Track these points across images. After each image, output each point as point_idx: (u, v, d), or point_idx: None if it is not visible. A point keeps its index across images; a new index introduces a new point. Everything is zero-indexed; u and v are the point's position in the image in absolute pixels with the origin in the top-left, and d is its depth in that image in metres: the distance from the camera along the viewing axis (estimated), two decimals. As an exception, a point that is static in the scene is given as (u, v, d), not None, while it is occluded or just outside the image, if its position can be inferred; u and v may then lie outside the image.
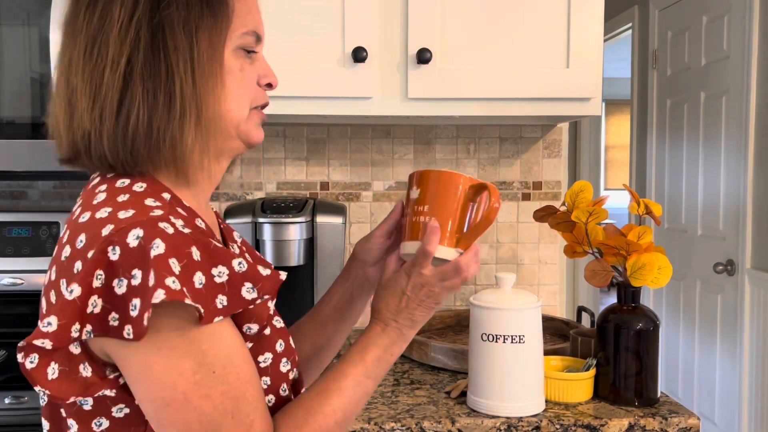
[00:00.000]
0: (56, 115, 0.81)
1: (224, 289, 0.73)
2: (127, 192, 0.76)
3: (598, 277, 1.34)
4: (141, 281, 0.68)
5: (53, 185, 1.84)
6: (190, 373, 0.71)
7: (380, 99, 1.51)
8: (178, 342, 0.71)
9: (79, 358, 0.72)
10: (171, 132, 0.76)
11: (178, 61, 0.76)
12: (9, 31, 1.40)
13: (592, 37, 1.52)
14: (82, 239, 0.72)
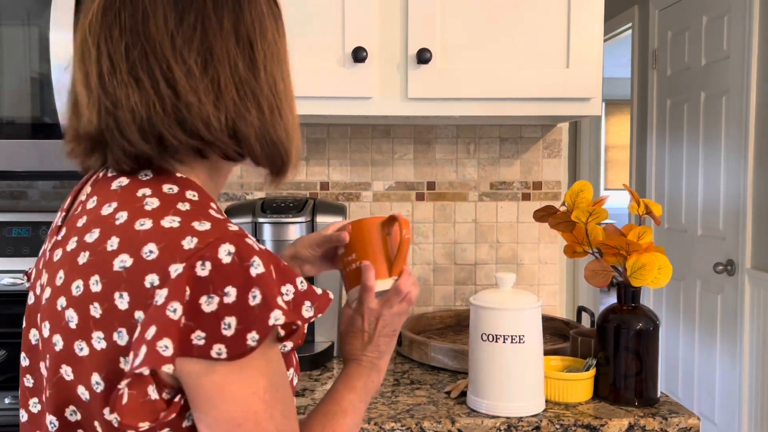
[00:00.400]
0: (191, 102, 0.74)
1: (290, 307, 0.72)
2: (184, 200, 0.73)
3: (598, 277, 1.34)
4: (236, 299, 0.66)
5: (53, 185, 1.84)
6: (262, 392, 0.69)
7: (380, 99, 1.51)
8: (259, 361, 0.69)
9: (147, 380, 0.67)
10: (291, 142, 0.80)
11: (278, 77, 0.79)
12: (9, 31, 1.40)
13: (592, 37, 1.52)
14: (152, 250, 0.68)
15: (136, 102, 0.72)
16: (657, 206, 1.36)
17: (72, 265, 0.73)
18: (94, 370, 0.70)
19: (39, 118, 1.40)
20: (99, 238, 0.72)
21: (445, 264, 1.91)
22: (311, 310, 0.75)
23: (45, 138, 1.39)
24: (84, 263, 0.72)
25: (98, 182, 0.80)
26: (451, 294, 1.92)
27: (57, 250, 0.77)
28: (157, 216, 0.70)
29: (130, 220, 0.71)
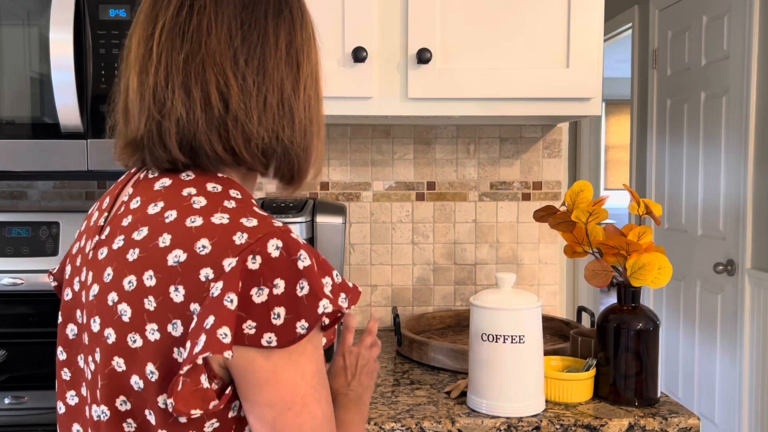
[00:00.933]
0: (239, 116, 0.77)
1: (338, 306, 0.76)
2: (229, 198, 0.77)
3: (598, 277, 1.34)
4: (285, 290, 0.70)
5: (53, 185, 1.84)
6: (310, 377, 0.74)
7: (380, 99, 1.51)
8: (307, 347, 0.73)
9: (200, 369, 0.71)
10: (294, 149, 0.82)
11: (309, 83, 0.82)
12: (9, 31, 1.40)
13: (592, 37, 1.52)
14: (205, 245, 0.71)
15: (182, 112, 0.76)
16: (657, 206, 1.36)
17: (122, 262, 0.76)
18: (149, 360, 0.73)
19: (39, 118, 1.40)
20: (148, 235, 0.75)
21: (445, 264, 1.91)
22: (346, 301, 0.77)
23: (45, 138, 1.39)
24: (135, 259, 0.75)
25: (140, 183, 0.83)
26: (451, 294, 1.92)
27: (102, 248, 0.80)
28: (206, 213, 0.74)
29: (181, 218, 0.74)
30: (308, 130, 0.82)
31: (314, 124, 0.83)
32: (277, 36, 0.79)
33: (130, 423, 0.77)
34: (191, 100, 0.76)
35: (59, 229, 1.69)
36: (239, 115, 0.76)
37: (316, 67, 0.84)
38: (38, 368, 1.56)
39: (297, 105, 0.80)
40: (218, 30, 0.77)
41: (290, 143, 0.80)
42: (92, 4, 1.37)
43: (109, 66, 1.38)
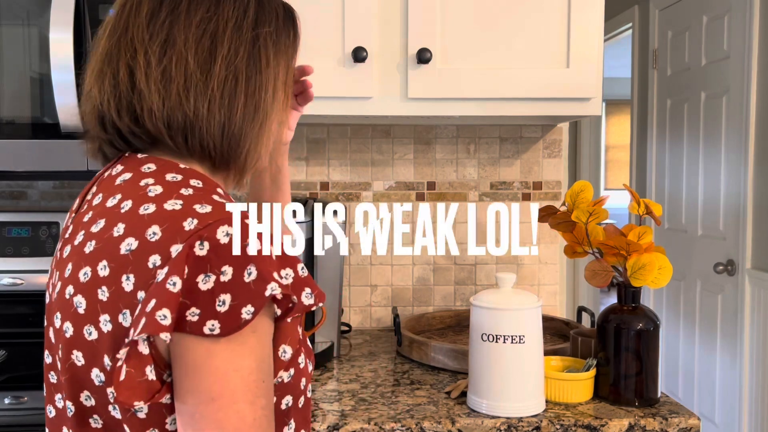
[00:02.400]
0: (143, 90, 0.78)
1: (288, 291, 0.72)
2: (187, 186, 0.76)
3: (598, 277, 1.34)
4: (232, 277, 0.67)
5: (53, 185, 1.84)
6: (246, 372, 0.69)
7: (380, 99, 1.51)
8: (249, 338, 0.69)
9: (147, 359, 0.69)
10: (247, 145, 0.81)
11: (269, 76, 0.82)
12: (9, 31, 1.40)
13: (592, 37, 1.52)
14: (156, 232, 0.70)
15: (95, 94, 0.79)
16: (657, 206, 1.36)
17: (79, 256, 0.75)
18: (104, 352, 0.71)
19: (39, 118, 1.40)
20: (104, 226, 0.74)
21: (445, 264, 1.91)
22: (311, 297, 0.74)
23: (45, 138, 1.39)
24: (91, 251, 0.74)
25: (103, 181, 0.82)
26: (451, 294, 1.92)
27: (66, 247, 0.80)
28: (160, 200, 0.73)
29: (135, 207, 0.73)
30: (227, 108, 0.79)
31: (239, 103, 0.79)
32: (189, 11, 0.79)
33: (96, 419, 0.75)
34: (104, 82, 0.79)
35: (59, 229, 1.69)
36: (142, 87, 0.77)
37: (249, 45, 0.81)
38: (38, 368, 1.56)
39: (207, 79, 0.78)
40: (138, 11, 0.79)
41: (194, 116, 0.77)
42: (92, 4, 1.37)
43: (109, 66, 1.38)
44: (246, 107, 0.80)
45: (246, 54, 0.80)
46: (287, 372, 0.77)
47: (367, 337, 1.83)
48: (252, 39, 0.81)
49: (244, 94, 0.79)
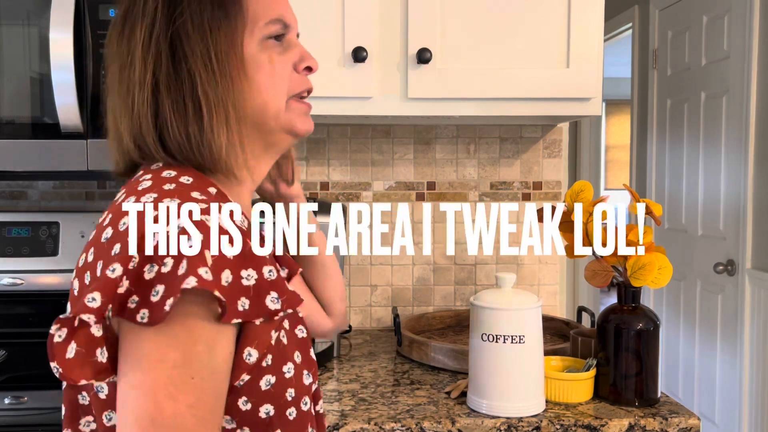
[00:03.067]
0: (108, 135, 0.85)
1: (249, 293, 0.71)
2: (174, 182, 0.76)
3: (598, 277, 1.34)
4: (171, 269, 0.68)
5: (53, 185, 1.84)
6: (170, 365, 0.68)
7: (380, 99, 1.51)
8: (179, 331, 0.69)
9: (99, 341, 0.70)
10: (205, 136, 0.79)
11: (197, 67, 0.79)
12: (9, 31, 1.40)
13: (592, 37, 1.52)
14: (125, 222, 0.72)
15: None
16: (657, 206, 1.36)
17: (83, 247, 0.80)
18: None
19: (39, 118, 1.40)
20: (103, 218, 0.78)
21: (445, 264, 1.91)
22: (278, 302, 0.73)
23: (45, 138, 1.39)
24: (89, 240, 0.78)
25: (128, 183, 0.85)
26: (451, 294, 1.92)
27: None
28: (140, 194, 0.75)
29: (124, 199, 0.76)
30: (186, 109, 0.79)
31: (193, 103, 0.79)
32: (116, 28, 0.83)
33: (84, 396, 0.78)
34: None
35: (59, 229, 1.69)
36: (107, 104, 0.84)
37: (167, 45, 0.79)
38: (38, 368, 1.56)
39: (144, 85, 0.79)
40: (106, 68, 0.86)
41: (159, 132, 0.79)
42: (92, 4, 1.37)
43: (109, 66, 1.38)
44: (189, 107, 0.79)
45: (164, 61, 0.79)
46: (263, 378, 0.75)
47: (367, 337, 1.83)
48: (169, 41, 0.79)
49: (180, 99, 0.79)
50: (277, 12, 0.85)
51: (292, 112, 0.86)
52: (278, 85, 0.84)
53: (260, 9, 0.83)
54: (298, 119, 0.87)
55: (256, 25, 0.83)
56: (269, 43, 0.84)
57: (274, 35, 0.84)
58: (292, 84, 0.86)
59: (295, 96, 0.87)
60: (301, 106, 0.88)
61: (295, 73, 0.87)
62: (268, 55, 0.84)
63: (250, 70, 0.82)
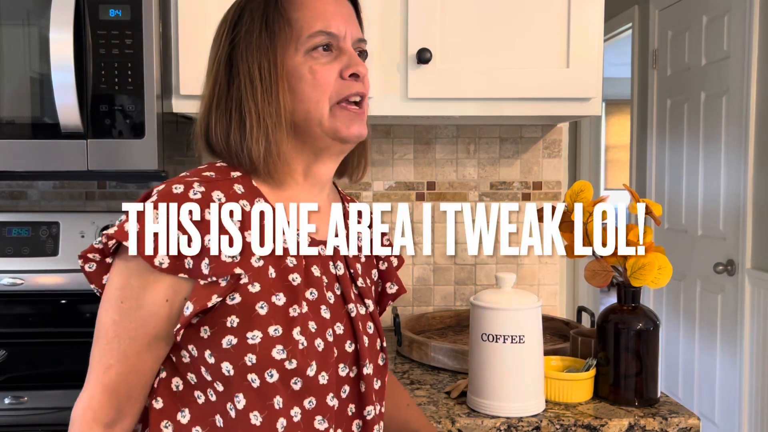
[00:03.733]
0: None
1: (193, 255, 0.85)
2: (213, 169, 0.92)
3: (598, 277, 1.34)
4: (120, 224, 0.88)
5: (53, 185, 1.84)
6: (113, 288, 0.87)
7: (380, 99, 1.51)
8: (117, 264, 0.88)
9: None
10: (246, 144, 0.89)
11: (244, 84, 0.90)
12: (9, 31, 1.40)
13: (592, 37, 1.52)
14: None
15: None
16: (657, 206, 1.36)
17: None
18: None
19: (39, 118, 1.40)
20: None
21: (445, 264, 1.91)
22: (207, 268, 0.85)
23: (45, 138, 1.39)
24: None
25: None
26: (451, 294, 1.92)
27: None
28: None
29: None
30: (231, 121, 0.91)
31: (239, 116, 0.91)
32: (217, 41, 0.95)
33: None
34: None
35: (59, 229, 1.69)
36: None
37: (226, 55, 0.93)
38: (38, 368, 1.56)
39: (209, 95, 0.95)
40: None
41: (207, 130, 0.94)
42: (92, 4, 1.37)
43: (109, 66, 1.38)
44: (234, 119, 0.91)
45: (221, 79, 0.93)
46: (225, 337, 0.86)
47: (367, 337, 1.83)
48: (226, 62, 0.93)
49: (227, 112, 0.91)
50: (321, 24, 0.91)
51: (335, 118, 0.91)
52: (320, 94, 0.91)
53: (305, 23, 0.91)
54: (341, 125, 0.92)
55: (300, 39, 0.91)
56: (315, 54, 0.91)
57: (318, 46, 0.91)
58: (335, 90, 0.91)
59: (342, 101, 0.92)
60: (346, 112, 0.92)
61: (341, 79, 0.91)
62: (310, 66, 0.91)
63: (293, 81, 0.91)
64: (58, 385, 1.45)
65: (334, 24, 0.92)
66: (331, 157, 0.96)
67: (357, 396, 0.94)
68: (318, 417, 0.89)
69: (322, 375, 0.89)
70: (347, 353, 0.93)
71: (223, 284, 0.86)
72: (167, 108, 1.46)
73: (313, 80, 0.90)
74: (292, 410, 0.87)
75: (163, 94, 1.44)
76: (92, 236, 1.68)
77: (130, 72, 1.38)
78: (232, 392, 0.86)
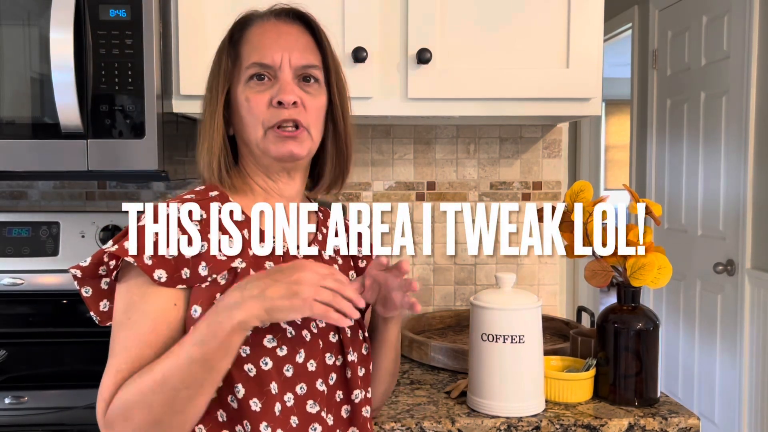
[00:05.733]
0: None
1: (189, 264, 0.94)
2: (192, 192, 1.02)
3: (598, 277, 1.34)
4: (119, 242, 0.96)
5: (53, 185, 1.84)
6: (119, 313, 0.94)
7: (380, 99, 1.51)
8: (121, 287, 0.96)
9: None
10: (198, 156, 1.04)
11: (204, 107, 1.04)
12: (9, 31, 1.40)
13: (592, 37, 1.52)
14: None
15: None
16: (657, 206, 1.36)
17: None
18: None
19: (39, 118, 1.40)
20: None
21: (445, 264, 1.91)
22: (206, 269, 0.94)
23: (45, 138, 1.39)
24: None
25: None
26: (451, 294, 1.92)
27: None
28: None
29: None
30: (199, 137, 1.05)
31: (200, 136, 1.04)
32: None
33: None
34: None
35: (59, 229, 1.69)
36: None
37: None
38: (38, 368, 1.56)
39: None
40: None
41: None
42: (92, 4, 1.37)
43: (109, 66, 1.38)
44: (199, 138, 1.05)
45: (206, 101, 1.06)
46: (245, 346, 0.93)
47: (367, 337, 1.83)
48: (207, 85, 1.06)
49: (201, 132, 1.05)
50: (257, 56, 1.01)
51: (267, 140, 1.01)
52: (254, 119, 1.01)
53: (246, 55, 1.02)
54: (272, 146, 1.01)
55: (241, 70, 1.02)
56: (251, 83, 1.02)
57: (253, 75, 1.01)
58: (267, 117, 1.01)
59: (273, 127, 1.01)
60: (277, 135, 1.01)
61: (271, 107, 1.01)
62: (246, 95, 1.01)
63: (237, 107, 1.03)
64: (58, 385, 1.45)
65: (269, 55, 1.01)
66: (279, 173, 1.06)
67: (344, 383, 1.03)
68: (309, 401, 0.97)
69: (311, 362, 0.98)
70: (332, 343, 1.03)
71: (223, 282, 0.95)
72: (167, 108, 1.46)
73: (248, 107, 1.01)
74: (285, 395, 0.95)
75: (163, 94, 1.44)
76: (92, 236, 1.68)
77: (130, 72, 1.38)
78: (232, 384, 0.93)
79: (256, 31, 1.04)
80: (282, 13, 1.05)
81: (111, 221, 1.69)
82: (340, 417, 1.02)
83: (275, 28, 1.04)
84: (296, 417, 0.96)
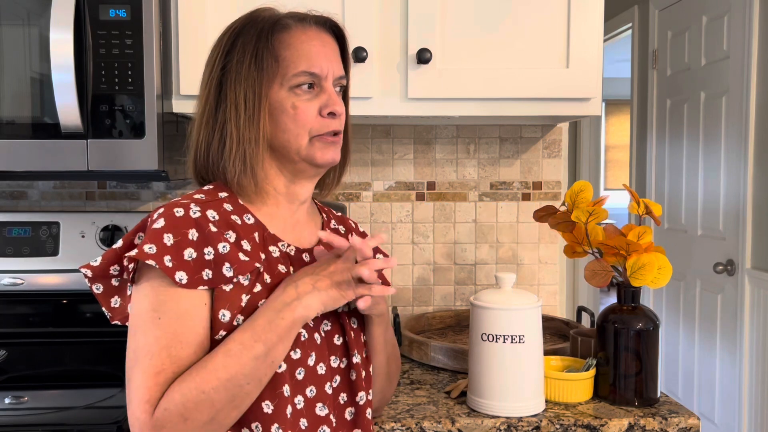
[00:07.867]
0: None
1: (210, 265, 0.93)
2: (199, 192, 1.01)
3: (598, 277, 1.34)
4: (140, 241, 0.95)
5: (53, 185, 1.84)
6: (144, 311, 0.92)
7: (380, 99, 1.51)
8: (144, 286, 0.94)
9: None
10: (223, 163, 1.00)
11: (230, 109, 0.99)
12: (9, 31, 1.40)
13: (592, 37, 1.52)
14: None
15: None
16: (657, 206, 1.36)
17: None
18: None
19: (39, 118, 1.40)
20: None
21: (445, 264, 1.91)
22: (231, 270, 0.94)
23: (45, 138, 1.39)
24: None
25: None
26: (451, 294, 1.92)
27: None
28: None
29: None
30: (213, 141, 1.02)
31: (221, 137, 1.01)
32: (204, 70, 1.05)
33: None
34: None
35: (59, 229, 1.69)
36: None
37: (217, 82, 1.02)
38: (38, 368, 1.56)
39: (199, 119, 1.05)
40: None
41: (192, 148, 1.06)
42: (92, 4, 1.37)
43: (109, 66, 1.38)
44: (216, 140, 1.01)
45: (210, 102, 1.01)
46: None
47: (367, 337, 1.83)
48: (217, 86, 1.01)
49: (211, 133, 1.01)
50: (306, 64, 1.00)
51: (313, 147, 1.02)
52: (300, 128, 1.01)
53: (291, 62, 1.00)
54: (318, 152, 1.02)
55: (286, 76, 1.00)
56: (298, 91, 1.00)
57: (302, 84, 1.00)
58: (314, 126, 1.01)
59: (320, 135, 1.02)
60: (323, 143, 1.03)
61: (320, 117, 1.01)
62: (293, 102, 1.00)
63: (275, 113, 1.00)
64: (58, 385, 1.45)
65: (317, 64, 1.01)
66: (308, 178, 1.06)
67: (347, 385, 1.04)
68: (319, 404, 0.98)
69: (320, 365, 0.99)
70: (337, 346, 1.03)
71: (246, 283, 0.95)
72: (167, 108, 1.46)
73: (294, 115, 1.00)
74: (296, 398, 0.96)
75: (163, 94, 1.44)
76: (92, 236, 1.68)
77: (130, 72, 1.38)
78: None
79: (299, 36, 1.02)
80: (320, 22, 1.05)
81: (111, 221, 1.69)
82: (344, 419, 1.02)
83: (318, 36, 1.03)
84: (305, 419, 0.96)
